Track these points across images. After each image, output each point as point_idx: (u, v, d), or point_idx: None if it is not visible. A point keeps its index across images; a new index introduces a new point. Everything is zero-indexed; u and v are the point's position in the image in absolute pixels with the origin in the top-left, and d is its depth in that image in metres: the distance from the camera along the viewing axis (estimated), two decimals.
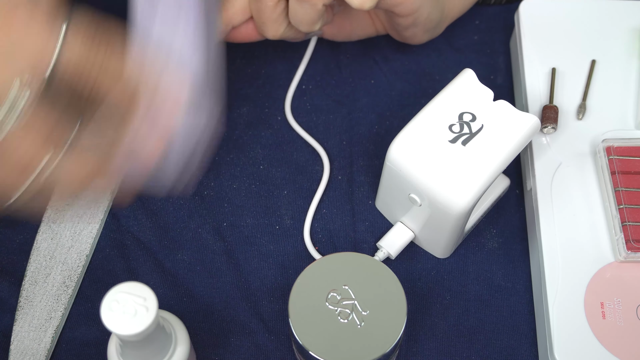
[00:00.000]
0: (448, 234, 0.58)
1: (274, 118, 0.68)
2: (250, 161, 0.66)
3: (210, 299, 0.61)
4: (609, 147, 0.61)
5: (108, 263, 0.62)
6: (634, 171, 0.60)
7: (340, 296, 0.54)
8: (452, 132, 0.56)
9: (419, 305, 0.61)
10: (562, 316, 0.56)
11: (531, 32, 0.67)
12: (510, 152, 0.56)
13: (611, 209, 0.59)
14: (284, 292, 0.61)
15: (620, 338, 0.56)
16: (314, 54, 0.71)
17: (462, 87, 0.58)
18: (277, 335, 0.60)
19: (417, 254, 0.63)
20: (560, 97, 0.64)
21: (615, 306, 0.57)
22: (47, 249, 0.62)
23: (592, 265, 0.58)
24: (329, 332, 0.53)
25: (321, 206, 0.65)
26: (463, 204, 0.55)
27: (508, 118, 0.57)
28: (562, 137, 0.63)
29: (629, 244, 0.57)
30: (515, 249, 0.63)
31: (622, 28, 0.67)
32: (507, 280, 0.62)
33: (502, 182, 0.63)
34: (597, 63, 0.66)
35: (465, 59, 0.71)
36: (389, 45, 0.71)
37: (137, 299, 0.47)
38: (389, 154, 0.57)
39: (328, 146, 0.67)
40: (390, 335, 0.53)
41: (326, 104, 0.69)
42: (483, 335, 0.60)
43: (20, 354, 0.58)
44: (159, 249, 0.63)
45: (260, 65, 0.71)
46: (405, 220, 0.61)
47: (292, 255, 0.63)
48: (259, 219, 0.64)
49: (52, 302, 0.60)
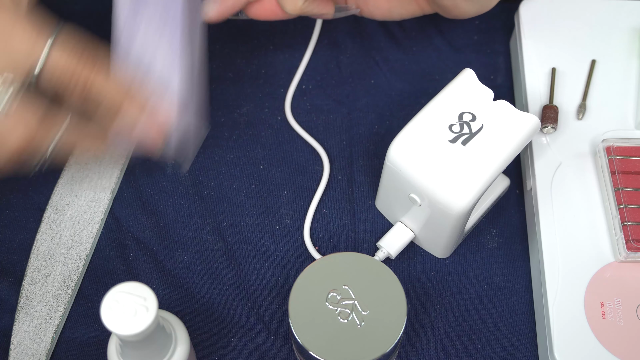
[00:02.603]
0: (448, 234, 0.58)
1: (274, 118, 0.68)
2: (250, 161, 0.66)
3: (210, 299, 0.61)
4: (609, 147, 0.61)
5: (108, 263, 0.62)
6: (634, 171, 0.60)
7: (340, 296, 0.54)
8: (452, 132, 0.56)
9: (419, 305, 0.61)
10: (562, 316, 0.56)
11: (531, 32, 0.67)
12: (510, 152, 0.56)
13: (611, 209, 0.59)
14: (284, 292, 0.61)
15: (620, 338, 0.56)
16: (314, 54, 0.71)
17: (462, 87, 0.58)
18: (277, 335, 0.60)
19: (417, 254, 0.63)
20: (560, 97, 0.64)
21: (615, 306, 0.57)
22: (47, 249, 0.62)
23: (592, 265, 0.58)
24: (329, 332, 0.53)
25: (321, 206, 0.65)
26: (463, 204, 0.55)
27: (508, 118, 0.57)
28: (562, 137, 0.63)
29: (629, 243, 0.57)
30: (515, 249, 0.63)
31: (622, 28, 0.67)
32: (507, 280, 0.62)
33: (502, 182, 0.63)
34: (597, 63, 0.66)
35: (465, 59, 0.71)
36: (389, 45, 0.71)
37: (137, 299, 0.47)
38: (388, 154, 0.57)
39: (328, 146, 0.67)
40: (390, 335, 0.53)
41: (326, 104, 0.69)
42: (483, 335, 0.60)
43: (20, 353, 0.58)
44: (159, 249, 0.63)
45: (260, 65, 0.71)
46: (405, 220, 0.61)
47: (292, 255, 0.63)
48: (258, 218, 0.64)
49: (52, 302, 0.60)
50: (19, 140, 0.52)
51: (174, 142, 0.57)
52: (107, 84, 0.53)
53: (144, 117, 0.54)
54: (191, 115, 0.57)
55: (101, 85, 0.53)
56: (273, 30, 0.72)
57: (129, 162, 0.65)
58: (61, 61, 0.51)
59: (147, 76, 0.55)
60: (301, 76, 0.70)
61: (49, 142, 0.53)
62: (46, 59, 0.51)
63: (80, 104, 0.53)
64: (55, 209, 0.63)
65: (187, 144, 0.58)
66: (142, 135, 0.55)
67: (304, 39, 0.71)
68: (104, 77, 0.53)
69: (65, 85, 0.52)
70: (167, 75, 0.55)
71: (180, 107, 0.56)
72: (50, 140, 0.53)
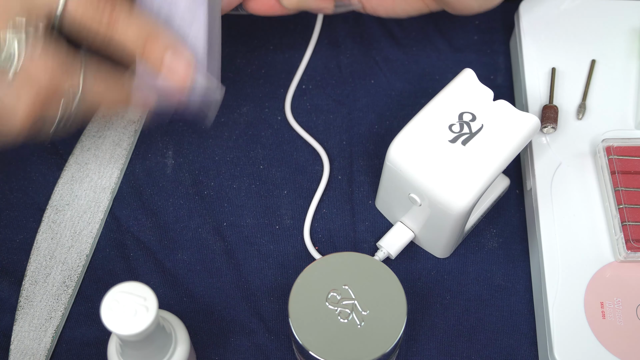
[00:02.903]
0: (448, 234, 0.58)
1: (274, 118, 0.68)
2: (250, 161, 0.66)
3: (210, 299, 0.61)
4: (608, 147, 0.61)
5: (108, 263, 0.62)
6: (634, 171, 0.60)
7: (340, 296, 0.54)
8: (452, 132, 0.56)
9: (419, 305, 0.61)
10: (562, 316, 0.56)
11: (531, 32, 0.67)
12: (510, 152, 0.56)
13: (611, 209, 0.59)
14: (284, 292, 0.61)
15: (620, 338, 0.56)
16: (314, 54, 0.71)
17: (462, 87, 0.58)
18: (277, 335, 0.60)
19: (417, 254, 0.63)
20: (560, 97, 0.64)
21: (615, 306, 0.57)
22: (47, 249, 0.62)
23: (592, 265, 0.58)
24: (329, 332, 0.53)
25: (321, 206, 0.65)
26: (463, 204, 0.55)
27: (508, 118, 0.57)
28: (562, 137, 0.63)
29: (629, 243, 0.57)
30: (515, 249, 0.63)
31: (622, 28, 0.67)
32: (507, 280, 0.62)
33: (502, 182, 0.63)
34: (597, 63, 0.66)
35: (465, 59, 0.71)
36: (389, 45, 0.71)
37: (137, 298, 0.47)
38: (388, 154, 0.57)
39: (328, 146, 0.67)
40: (390, 335, 0.53)
41: (326, 104, 0.69)
42: (483, 335, 0.60)
43: (20, 353, 0.58)
44: (159, 249, 0.63)
45: (260, 65, 0.71)
46: (405, 220, 0.61)
47: (292, 255, 0.63)
48: (258, 218, 0.64)
49: (52, 302, 0.60)
50: (43, 87, 0.49)
51: (198, 89, 0.53)
52: (130, 24, 0.50)
53: (168, 57, 0.51)
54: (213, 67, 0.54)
55: (124, 26, 0.50)
56: (273, 30, 0.72)
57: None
58: (83, 2, 0.49)
59: (170, 17, 0.53)
60: (301, 76, 0.70)
61: (74, 91, 0.50)
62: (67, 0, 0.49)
63: (103, 47, 0.51)
64: (55, 209, 0.63)
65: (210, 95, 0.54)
66: (168, 78, 0.52)
67: (304, 39, 0.71)
68: (126, 17, 0.50)
69: (88, 27, 0.50)
70: (189, 20, 0.52)
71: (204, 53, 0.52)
72: (75, 88, 0.50)
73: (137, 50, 0.51)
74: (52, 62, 0.49)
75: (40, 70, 0.49)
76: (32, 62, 0.49)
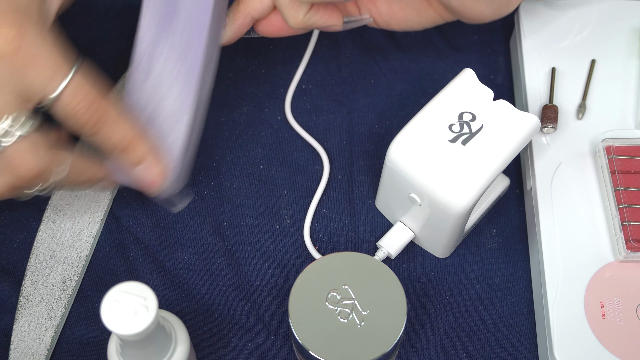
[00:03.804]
0: (448, 233, 0.58)
1: (274, 118, 0.68)
2: (250, 161, 0.66)
3: (210, 299, 0.61)
4: (608, 146, 0.61)
5: (108, 263, 0.62)
6: (634, 171, 0.60)
7: (340, 296, 0.54)
8: (452, 132, 0.56)
9: (419, 305, 0.61)
10: (562, 316, 0.56)
11: (531, 32, 0.67)
12: (510, 152, 0.56)
13: (611, 209, 0.59)
14: (284, 292, 0.61)
15: (620, 338, 0.56)
16: (314, 54, 0.71)
17: (462, 87, 0.58)
18: (277, 335, 0.60)
19: (417, 254, 0.63)
20: (560, 97, 0.64)
21: (615, 306, 0.57)
22: (47, 249, 0.62)
23: (592, 265, 0.58)
24: (329, 332, 0.53)
25: (321, 206, 0.65)
26: (463, 204, 0.55)
27: (508, 118, 0.57)
28: (562, 136, 0.63)
29: (629, 243, 0.57)
30: (515, 248, 0.63)
31: (622, 28, 0.67)
32: (507, 280, 0.62)
33: (502, 182, 0.63)
34: (597, 63, 0.66)
35: (465, 59, 0.71)
36: (389, 45, 0.71)
37: (137, 298, 0.47)
38: (388, 154, 0.57)
39: (328, 146, 0.67)
40: (390, 335, 0.53)
41: (326, 104, 0.69)
42: (483, 335, 0.60)
43: (20, 353, 0.58)
44: (159, 249, 0.63)
45: (260, 65, 0.71)
46: (405, 220, 0.61)
47: (292, 255, 0.63)
48: (258, 218, 0.64)
49: (52, 302, 0.60)
50: (21, 178, 0.51)
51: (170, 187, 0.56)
52: (117, 125, 0.53)
53: (149, 159, 0.54)
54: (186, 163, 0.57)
55: (111, 126, 0.52)
56: None
57: None
58: (81, 91, 0.51)
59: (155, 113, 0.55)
60: (301, 76, 0.70)
61: (57, 173, 0.52)
62: (66, 86, 0.50)
63: (86, 136, 0.53)
64: (55, 208, 0.63)
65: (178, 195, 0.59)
66: (143, 176, 0.55)
67: (304, 38, 0.71)
68: (115, 118, 0.53)
69: (77, 118, 0.51)
70: (177, 114, 0.55)
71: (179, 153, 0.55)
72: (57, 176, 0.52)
73: (119, 148, 0.54)
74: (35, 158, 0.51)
75: (23, 163, 0.50)
76: (16, 152, 0.50)
